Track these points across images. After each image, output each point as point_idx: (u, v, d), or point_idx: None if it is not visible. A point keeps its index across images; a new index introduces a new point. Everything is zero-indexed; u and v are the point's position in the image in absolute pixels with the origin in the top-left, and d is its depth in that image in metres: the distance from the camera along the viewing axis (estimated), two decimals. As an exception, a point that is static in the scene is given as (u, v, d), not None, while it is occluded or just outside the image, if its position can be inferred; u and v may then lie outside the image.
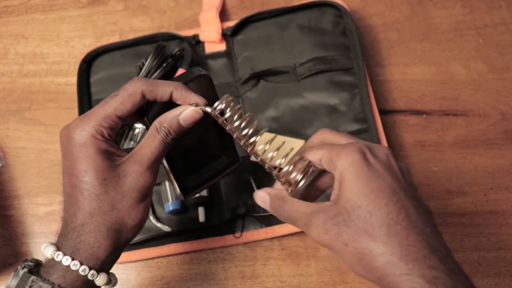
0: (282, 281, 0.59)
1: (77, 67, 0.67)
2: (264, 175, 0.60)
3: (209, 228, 0.60)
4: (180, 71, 0.64)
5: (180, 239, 0.60)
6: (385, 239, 0.32)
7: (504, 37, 0.70)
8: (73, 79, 0.68)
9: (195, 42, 0.68)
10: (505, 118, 0.66)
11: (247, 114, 0.41)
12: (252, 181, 0.62)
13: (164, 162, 0.42)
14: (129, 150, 0.40)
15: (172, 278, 0.60)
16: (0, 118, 0.69)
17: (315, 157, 0.37)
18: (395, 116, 0.66)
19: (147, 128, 0.41)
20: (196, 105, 0.40)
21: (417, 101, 0.67)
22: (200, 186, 0.45)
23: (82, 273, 0.36)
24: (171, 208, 0.60)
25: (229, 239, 0.60)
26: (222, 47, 0.68)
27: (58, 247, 0.37)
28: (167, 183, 0.61)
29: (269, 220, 0.60)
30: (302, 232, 0.60)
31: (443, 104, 0.67)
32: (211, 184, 0.47)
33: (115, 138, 0.40)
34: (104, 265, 0.38)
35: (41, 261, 0.38)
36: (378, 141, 0.60)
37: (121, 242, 0.38)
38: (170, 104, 0.40)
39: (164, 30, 0.72)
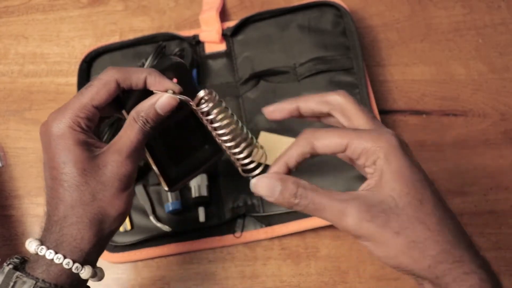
0: (282, 281, 0.59)
1: (77, 67, 0.67)
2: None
3: (209, 228, 0.60)
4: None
5: (180, 239, 0.60)
6: (437, 227, 0.33)
7: (504, 37, 0.70)
8: (73, 79, 0.68)
9: (195, 42, 0.68)
10: (505, 118, 0.66)
11: (226, 113, 0.40)
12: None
13: (147, 155, 0.42)
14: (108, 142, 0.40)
15: (172, 278, 0.60)
16: (1, 118, 0.69)
17: (333, 138, 0.35)
18: (395, 116, 0.66)
19: (125, 120, 0.41)
20: (174, 93, 0.40)
21: (417, 101, 0.67)
22: (184, 178, 0.45)
23: (66, 266, 0.36)
24: (171, 208, 0.60)
25: (229, 239, 0.60)
26: (222, 47, 0.68)
27: (42, 241, 0.37)
28: (167, 183, 0.61)
29: (269, 220, 0.60)
30: (302, 232, 0.60)
31: (443, 104, 0.67)
32: (195, 175, 0.47)
33: (95, 129, 0.40)
34: (89, 258, 0.37)
35: (28, 258, 0.38)
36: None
37: (104, 233, 0.38)
38: (147, 94, 0.40)
39: (164, 30, 0.72)
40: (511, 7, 0.71)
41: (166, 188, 0.44)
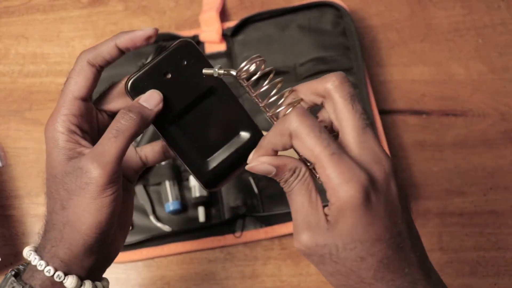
0: (282, 280, 0.59)
1: (77, 67, 0.67)
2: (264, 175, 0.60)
3: (209, 228, 0.61)
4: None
5: (180, 239, 0.60)
6: (371, 281, 0.32)
7: (504, 37, 0.70)
8: (74, 79, 0.68)
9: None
10: (505, 118, 0.66)
11: (278, 79, 0.36)
12: (252, 181, 0.62)
13: (173, 151, 0.37)
14: None
15: (172, 277, 0.60)
16: (1, 118, 0.69)
17: (303, 150, 0.31)
18: (394, 116, 0.66)
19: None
20: (220, 67, 0.36)
21: (417, 101, 0.67)
22: (225, 173, 0.38)
23: (47, 274, 0.34)
24: (171, 208, 0.60)
25: (229, 239, 0.60)
26: (222, 47, 0.68)
27: (35, 247, 0.36)
28: (167, 183, 0.61)
29: (269, 220, 0.60)
30: (302, 232, 0.60)
31: (443, 104, 0.67)
32: (239, 171, 0.38)
33: (92, 126, 0.37)
34: (71, 268, 0.35)
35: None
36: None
37: (81, 244, 0.34)
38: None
39: (164, 30, 0.72)
40: (510, 7, 0.71)
41: (205, 189, 0.39)
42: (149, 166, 0.43)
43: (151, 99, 0.36)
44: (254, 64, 0.35)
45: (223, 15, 0.72)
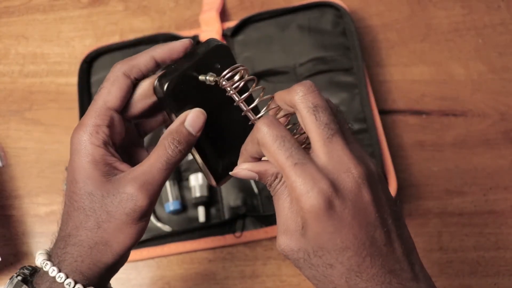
0: (282, 280, 0.59)
1: (77, 67, 0.67)
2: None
3: (209, 228, 0.61)
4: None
5: (180, 239, 0.60)
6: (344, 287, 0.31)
7: (504, 38, 0.70)
8: (74, 80, 0.68)
9: (196, 43, 0.68)
10: (504, 118, 0.66)
11: (260, 87, 0.36)
12: (252, 181, 0.62)
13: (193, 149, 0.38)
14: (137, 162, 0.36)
15: (173, 277, 0.60)
16: (1, 118, 0.69)
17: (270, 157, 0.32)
18: (394, 116, 0.66)
19: (169, 116, 0.37)
20: (211, 74, 0.35)
21: (417, 101, 0.67)
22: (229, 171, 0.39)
23: (67, 287, 0.34)
24: (171, 208, 0.60)
25: (229, 238, 0.60)
26: (222, 47, 0.68)
27: (49, 255, 0.36)
28: (167, 183, 0.61)
29: (269, 220, 0.60)
30: (302, 232, 0.60)
31: (443, 105, 0.67)
32: None
33: (121, 141, 0.37)
34: (92, 282, 0.35)
35: (39, 268, 0.37)
36: (378, 141, 0.60)
37: (106, 263, 0.35)
38: (187, 79, 0.35)
39: (164, 30, 0.72)
40: (510, 7, 0.72)
41: (214, 184, 0.40)
42: None
43: (197, 123, 0.35)
44: (237, 73, 0.35)
45: (223, 15, 0.72)
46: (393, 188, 0.59)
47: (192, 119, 0.35)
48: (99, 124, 0.35)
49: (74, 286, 0.34)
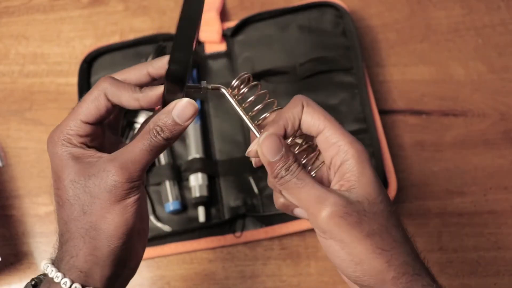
0: (282, 280, 0.59)
1: (77, 67, 0.67)
2: (264, 175, 0.60)
3: (209, 228, 0.61)
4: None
5: (180, 239, 0.60)
6: (401, 239, 0.33)
7: (503, 38, 0.70)
8: (74, 80, 0.68)
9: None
10: (504, 118, 0.66)
11: (263, 91, 0.38)
12: (252, 181, 0.62)
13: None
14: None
15: (172, 277, 0.61)
16: (1, 118, 0.69)
17: (310, 123, 0.35)
18: (394, 116, 0.67)
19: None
20: (206, 82, 0.37)
21: (417, 101, 0.67)
22: None
23: (64, 286, 0.33)
24: (171, 208, 0.60)
25: (229, 238, 0.60)
26: (222, 47, 0.68)
27: (52, 259, 0.36)
28: (167, 183, 0.61)
29: (269, 220, 0.60)
30: (302, 232, 0.60)
31: (443, 105, 0.67)
32: None
33: (96, 143, 0.37)
34: (91, 279, 0.34)
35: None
36: (378, 141, 0.60)
37: (103, 251, 0.34)
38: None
39: (164, 30, 0.72)
40: (510, 7, 0.72)
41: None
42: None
43: (185, 113, 0.35)
44: (243, 81, 0.37)
45: (223, 15, 0.72)
46: (393, 188, 0.59)
47: (179, 108, 0.34)
48: (71, 134, 0.35)
49: (71, 285, 0.33)
